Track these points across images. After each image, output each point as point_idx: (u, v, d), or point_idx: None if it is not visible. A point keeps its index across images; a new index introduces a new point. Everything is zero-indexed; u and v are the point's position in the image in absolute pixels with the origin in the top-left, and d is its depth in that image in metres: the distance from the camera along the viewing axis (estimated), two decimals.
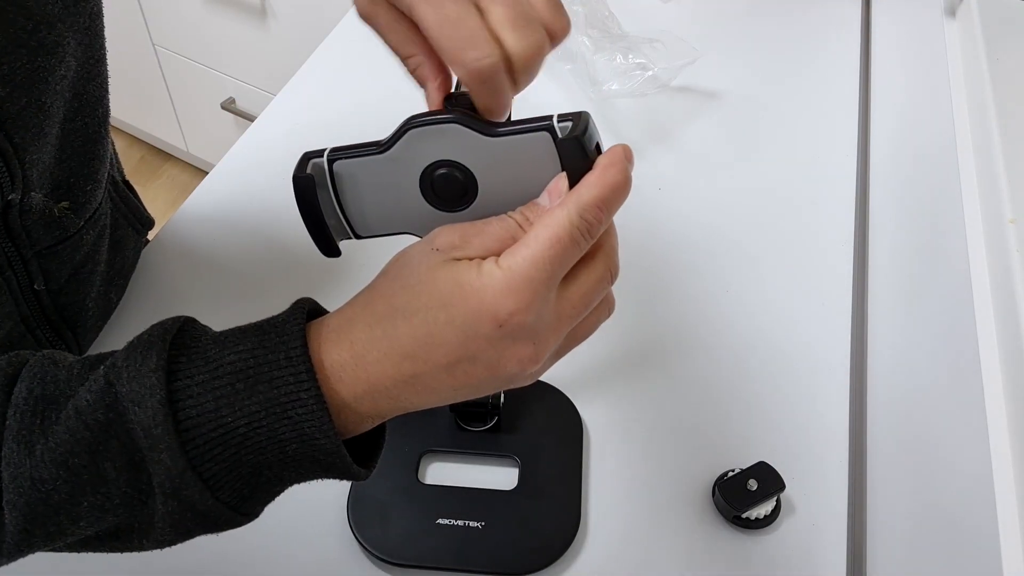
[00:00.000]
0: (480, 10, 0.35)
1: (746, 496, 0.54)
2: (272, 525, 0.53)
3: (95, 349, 0.62)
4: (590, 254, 0.36)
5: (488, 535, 0.53)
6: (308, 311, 0.37)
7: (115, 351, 0.36)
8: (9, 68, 0.43)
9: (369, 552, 0.52)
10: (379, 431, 0.39)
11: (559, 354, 0.38)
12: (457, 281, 0.34)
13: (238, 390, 0.33)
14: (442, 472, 0.57)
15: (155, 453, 0.33)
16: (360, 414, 0.35)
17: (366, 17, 0.39)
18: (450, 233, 0.37)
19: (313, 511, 0.54)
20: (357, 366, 0.35)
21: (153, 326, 0.36)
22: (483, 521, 0.53)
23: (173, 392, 0.33)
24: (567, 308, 0.36)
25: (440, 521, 0.53)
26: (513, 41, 0.35)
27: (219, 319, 0.67)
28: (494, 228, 0.37)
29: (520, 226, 0.37)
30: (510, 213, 0.38)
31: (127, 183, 0.67)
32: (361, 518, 0.53)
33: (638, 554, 0.54)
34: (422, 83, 0.41)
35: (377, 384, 0.35)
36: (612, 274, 0.37)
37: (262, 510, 0.37)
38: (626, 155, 0.36)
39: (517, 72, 0.37)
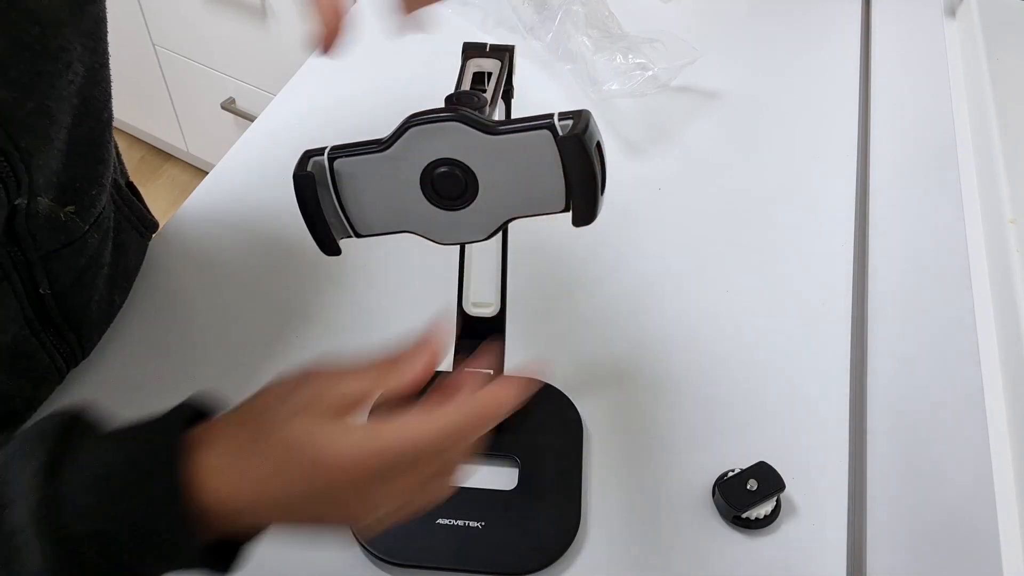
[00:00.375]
0: None
1: (746, 496, 0.54)
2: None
3: (99, 351, 0.62)
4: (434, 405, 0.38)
5: (488, 535, 0.53)
6: (191, 414, 0.38)
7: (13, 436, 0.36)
8: (15, 72, 0.43)
9: (369, 552, 0.52)
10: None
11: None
12: (313, 436, 0.36)
13: (114, 493, 0.34)
14: None
15: (25, 551, 0.33)
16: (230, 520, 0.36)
17: None
18: (304, 390, 0.39)
19: None
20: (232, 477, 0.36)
21: (43, 419, 0.36)
22: (483, 521, 0.53)
23: (50, 495, 0.33)
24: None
25: (440, 521, 0.53)
26: None
27: (218, 318, 0.67)
28: (353, 379, 0.39)
29: (379, 374, 0.39)
30: (373, 360, 0.39)
31: (131, 185, 0.67)
32: None
33: (638, 554, 0.54)
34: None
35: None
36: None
37: None
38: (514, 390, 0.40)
39: None
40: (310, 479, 0.36)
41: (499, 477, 0.56)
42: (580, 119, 0.40)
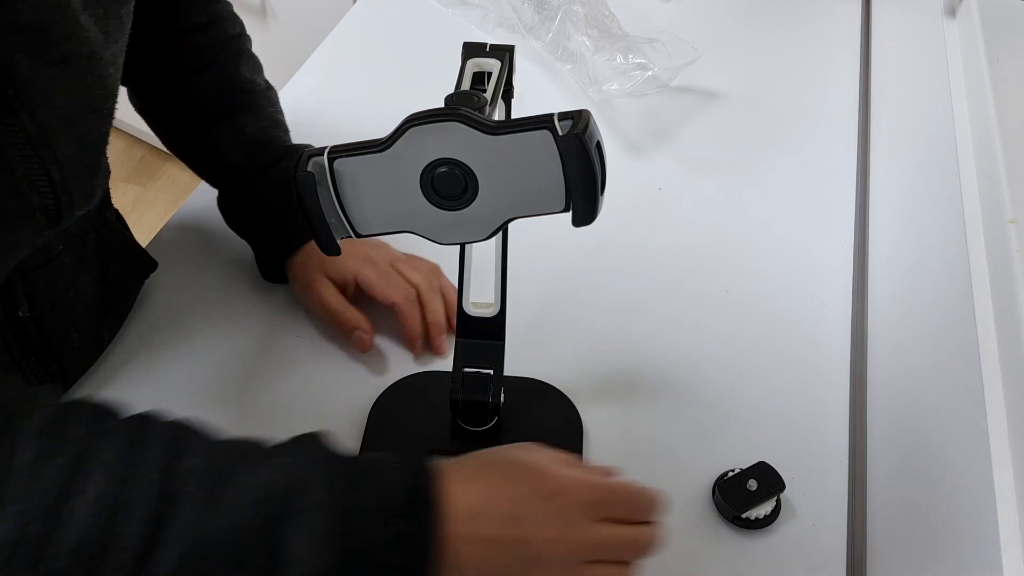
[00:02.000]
0: (397, 271, 0.65)
1: (746, 496, 0.54)
2: None
3: (84, 383, 0.62)
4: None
5: None
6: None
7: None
8: (81, 129, 0.47)
9: None
10: None
11: None
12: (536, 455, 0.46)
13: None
14: None
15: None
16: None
17: (307, 291, 0.64)
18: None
19: None
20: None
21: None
22: None
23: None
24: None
25: None
26: (418, 280, 0.65)
27: (218, 317, 0.67)
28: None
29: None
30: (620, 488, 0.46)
31: (121, 221, 0.67)
32: None
33: None
34: (354, 328, 0.63)
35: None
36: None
37: None
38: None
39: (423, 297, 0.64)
40: (542, 495, 0.42)
41: None
42: (580, 119, 0.40)
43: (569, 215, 0.43)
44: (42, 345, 0.56)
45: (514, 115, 0.52)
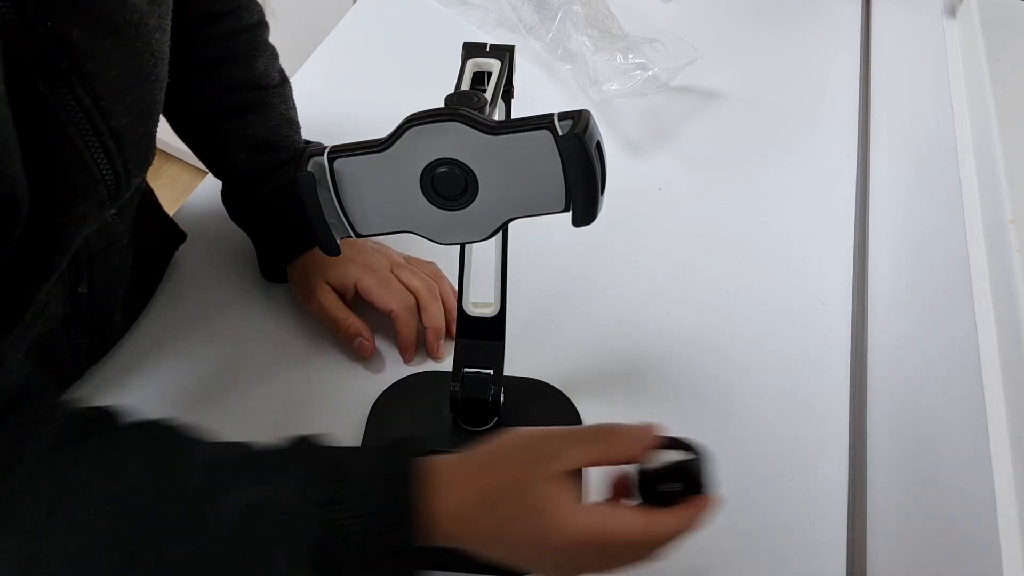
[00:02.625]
0: (397, 277, 0.65)
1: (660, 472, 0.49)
2: None
3: (117, 352, 0.64)
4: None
5: None
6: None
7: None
8: (133, 99, 0.46)
9: None
10: None
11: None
12: (542, 512, 0.40)
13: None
14: None
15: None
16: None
17: (308, 297, 0.64)
18: (544, 445, 0.43)
19: None
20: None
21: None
22: None
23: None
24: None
25: None
26: (418, 286, 0.64)
27: (217, 316, 0.67)
28: (583, 444, 0.44)
29: (609, 445, 0.44)
30: (602, 429, 0.45)
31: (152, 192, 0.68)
32: None
33: None
34: (355, 335, 0.63)
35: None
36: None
37: None
38: (707, 508, 0.43)
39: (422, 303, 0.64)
40: (541, 542, 0.40)
41: None
42: (580, 119, 0.40)
43: (569, 215, 0.43)
44: (91, 318, 0.58)
45: (514, 115, 0.52)
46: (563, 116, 0.40)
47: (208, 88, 0.64)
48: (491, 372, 0.56)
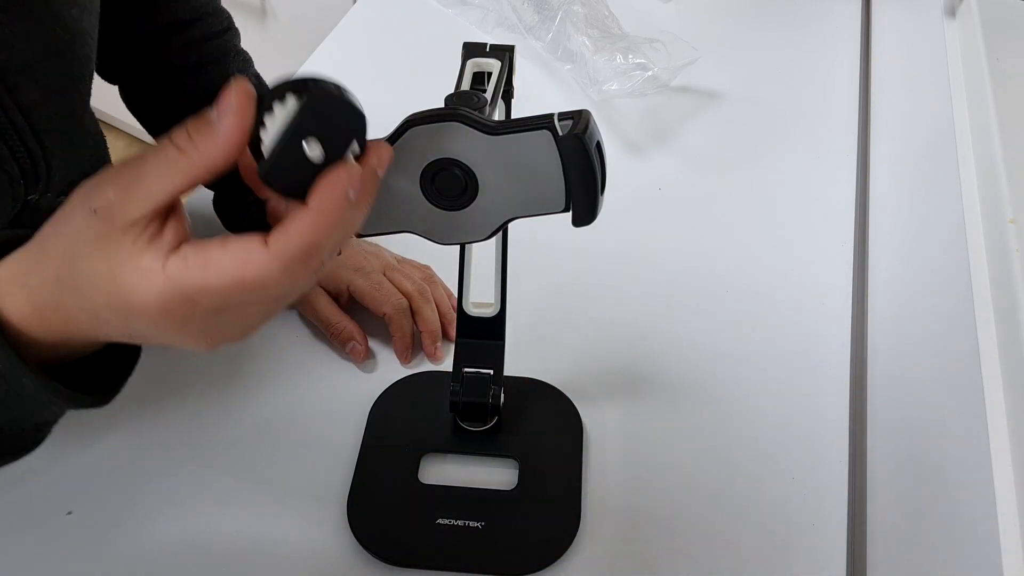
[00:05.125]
0: (390, 279, 0.65)
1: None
2: (271, 525, 0.53)
3: None
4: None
5: (488, 535, 0.53)
6: None
7: None
8: (43, 74, 0.45)
9: (368, 552, 0.52)
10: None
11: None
12: (115, 278, 0.33)
13: None
14: (442, 472, 0.57)
15: None
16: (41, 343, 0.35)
17: (301, 301, 0.64)
18: (107, 188, 0.33)
19: (312, 511, 0.54)
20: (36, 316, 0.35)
21: None
22: (483, 521, 0.53)
23: None
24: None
25: (440, 521, 0.53)
26: (410, 288, 0.65)
27: None
28: (152, 170, 0.32)
29: (182, 153, 0.32)
30: (168, 139, 0.33)
31: None
32: (360, 518, 0.53)
33: (638, 554, 0.54)
34: (348, 339, 0.63)
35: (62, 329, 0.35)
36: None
37: None
38: (347, 185, 0.35)
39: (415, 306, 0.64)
40: (129, 313, 0.33)
41: (499, 477, 0.56)
42: (580, 119, 0.40)
43: (569, 215, 0.43)
44: None
45: (514, 115, 0.52)
46: (563, 116, 0.40)
47: (183, 96, 0.64)
48: (491, 372, 0.56)
